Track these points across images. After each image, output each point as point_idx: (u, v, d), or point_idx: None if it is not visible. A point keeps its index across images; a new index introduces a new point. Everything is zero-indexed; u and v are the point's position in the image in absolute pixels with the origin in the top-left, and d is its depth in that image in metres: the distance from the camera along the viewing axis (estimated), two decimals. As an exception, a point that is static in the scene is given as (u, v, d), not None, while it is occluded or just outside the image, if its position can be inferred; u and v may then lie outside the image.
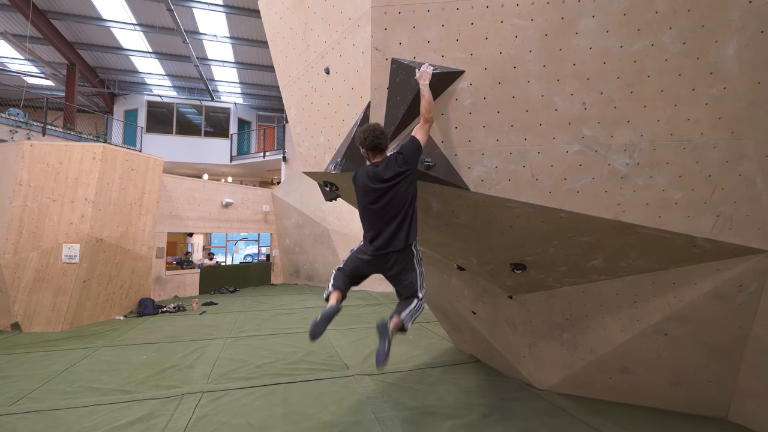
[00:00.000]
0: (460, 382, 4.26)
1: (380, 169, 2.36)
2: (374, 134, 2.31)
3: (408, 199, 2.38)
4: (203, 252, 15.96)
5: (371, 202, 2.40)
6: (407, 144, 2.32)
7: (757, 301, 2.74)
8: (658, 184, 2.45)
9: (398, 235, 2.38)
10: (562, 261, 3.06)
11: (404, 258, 2.45)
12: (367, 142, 2.33)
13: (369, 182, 2.38)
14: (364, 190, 2.42)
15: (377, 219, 2.40)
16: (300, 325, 6.91)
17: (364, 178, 2.41)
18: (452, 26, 2.35)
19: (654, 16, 2.24)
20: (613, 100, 2.36)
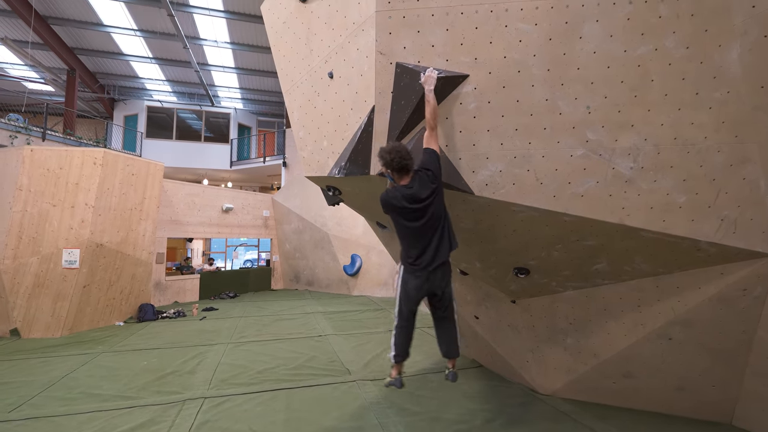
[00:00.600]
0: (463, 387, 4.23)
1: (415, 189, 2.37)
2: (401, 155, 2.31)
3: (443, 211, 2.47)
4: (203, 257, 15.93)
5: (413, 221, 2.42)
6: (429, 159, 2.35)
7: (762, 305, 2.73)
8: (663, 187, 2.45)
9: (441, 248, 2.47)
10: (566, 265, 3.06)
11: (447, 272, 2.55)
12: (394, 163, 2.32)
13: (407, 204, 2.38)
14: (403, 213, 2.42)
15: (421, 236, 2.45)
16: (301, 330, 6.87)
17: (400, 202, 2.39)
18: (457, 30, 2.36)
19: (658, 21, 2.25)
20: (617, 104, 2.37)
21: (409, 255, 2.50)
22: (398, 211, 2.43)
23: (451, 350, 2.76)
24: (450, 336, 2.75)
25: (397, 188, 2.41)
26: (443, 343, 2.78)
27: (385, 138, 2.54)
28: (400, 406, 3.74)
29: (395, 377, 2.75)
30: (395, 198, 2.39)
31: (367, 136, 2.58)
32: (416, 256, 2.47)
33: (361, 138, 2.59)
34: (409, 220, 2.42)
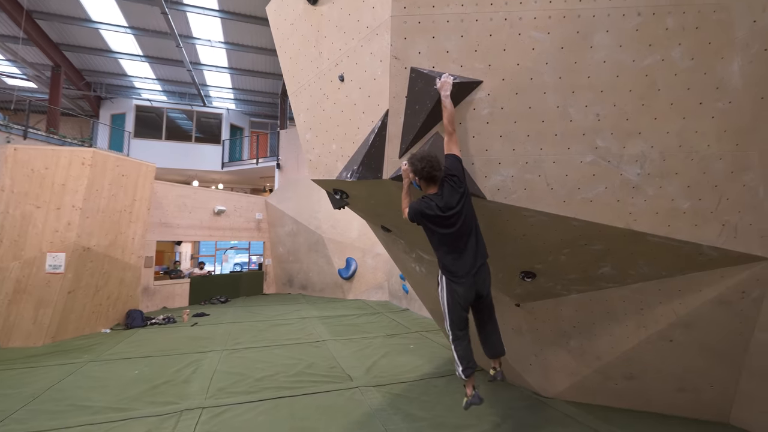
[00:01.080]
0: (465, 391, 4.24)
1: (446, 197, 2.41)
2: (431, 165, 2.34)
3: (473, 214, 2.52)
4: (191, 261, 15.65)
5: (447, 228, 2.45)
6: (452, 165, 2.39)
7: (759, 307, 2.83)
8: (668, 193, 2.52)
9: (479, 249, 2.54)
10: (572, 269, 3.11)
11: (488, 271, 2.62)
12: (424, 172, 2.36)
13: (441, 212, 2.42)
14: (437, 221, 2.45)
15: (457, 240, 2.49)
16: (298, 335, 6.80)
17: (434, 210, 2.42)
18: (471, 37, 2.39)
19: (664, 33, 2.33)
20: (625, 112, 2.43)
21: (450, 262, 2.51)
22: (432, 220, 2.45)
23: (499, 349, 2.83)
24: (496, 336, 2.82)
25: (428, 197, 2.43)
26: (490, 344, 2.83)
27: (398, 142, 2.56)
28: (406, 412, 3.73)
29: (472, 394, 2.70)
30: (429, 207, 2.41)
31: (380, 140, 2.58)
32: (456, 261, 2.49)
33: (375, 142, 2.59)
34: (443, 227, 2.45)
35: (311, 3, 3.05)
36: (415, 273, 4.84)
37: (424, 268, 4.64)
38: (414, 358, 5.47)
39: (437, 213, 2.41)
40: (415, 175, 2.40)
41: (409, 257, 4.73)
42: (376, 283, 11.08)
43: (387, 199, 3.00)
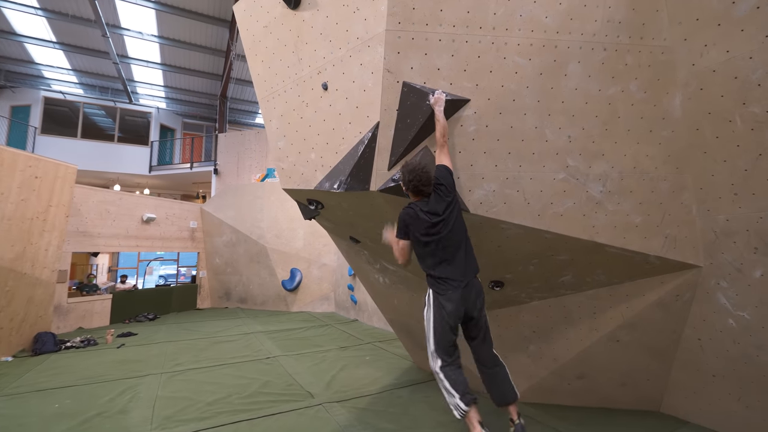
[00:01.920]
0: (430, 401, 4.29)
1: (431, 204, 2.40)
2: (419, 179, 2.33)
3: (463, 227, 2.50)
4: (108, 274, 13.98)
5: (432, 236, 2.41)
6: (442, 174, 2.41)
7: (689, 307, 3.27)
8: (624, 209, 2.83)
9: (469, 262, 2.48)
10: (537, 278, 3.33)
11: (479, 287, 2.53)
12: (410, 185, 2.35)
13: (427, 218, 2.39)
14: (420, 228, 2.41)
15: (443, 250, 2.43)
16: (246, 353, 6.36)
17: (421, 217, 2.38)
18: (461, 57, 2.49)
19: (624, 68, 2.64)
20: (591, 136, 2.70)
21: (437, 274, 2.46)
22: (416, 226, 2.43)
23: (508, 393, 2.41)
24: (501, 376, 2.42)
25: (413, 204, 2.42)
26: (494, 386, 2.44)
27: (388, 154, 2.55)
28: (376, 426, 3.66)
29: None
30: (411, 215, 2.40)
31: (370, 151, 2.56)
32: (443, 273, 2.45)
33: (364, 153, 2.56)
34: (427, 235, 2.43)
35: (291, 7, 2.95)
36: (377, 284, 4.83)
37: (387, 278, 4.65)
38: (372, 370, 5.41)
39: (423, 219, 2.40)
40: (403, 185, 2.40)
41: (372, 268, 4.71)
42: (322, 294, 10.83)
43: (368, 210, 2.97)
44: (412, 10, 2.41)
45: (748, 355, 3.02)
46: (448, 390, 2.36)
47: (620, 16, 2.56)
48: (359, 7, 2.54)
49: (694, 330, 3.32)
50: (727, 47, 2.43)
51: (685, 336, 3.40)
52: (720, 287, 3.00)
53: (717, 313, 3.09)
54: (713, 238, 2.90)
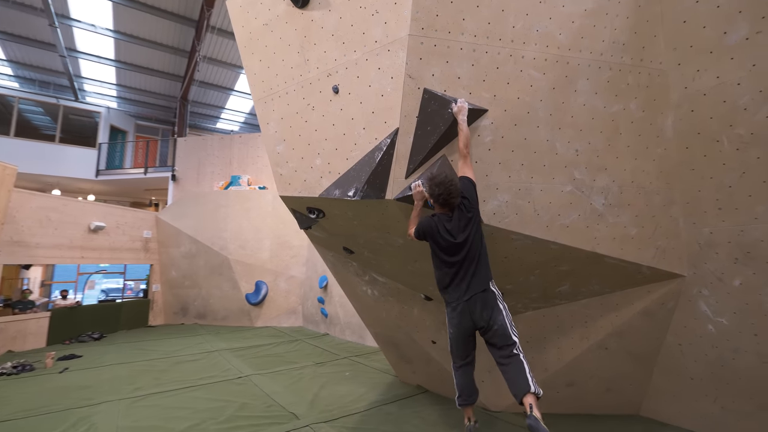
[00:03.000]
0: (421, 415, 4.19)
1: (454, 222, 2.37)
2: (449, 192, 2.30)
3: (480, 240, 2.45)
4: (41, 289, 12.52)
5: (450, 256, 2.40)
6: (466, 187, 2.37)
7: (672, 315, 3.46)
8: (622, 221, 2.96)
9: (476, 277, 2.43)
10: (537, 288, 3.38)
11: (488, 300, 2.46)
12: (440, 198, 2.30)
13: (449, 238, 2.36)
14: (441, 244, 2.39)
15: (458, 267, 2.41)
16: (213, 373, 5.88)
17: (441, 230, 2.35)
18: (481, 67, 2.49)
19: (626, 87, 2.78)
20: (596, 150, 2.80)
21: (444, 286, 2.47)
22: (437, 242, 2.39)
23: (521, 386, 2.34)
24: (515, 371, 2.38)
25: (439, 216, 2.36)
26: (508, 381, 2.42)
27: (406, 162, 2.48)
28: (372, 445, 3.49)
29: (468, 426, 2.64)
30: (436, 228, 2.37)
31: (387, 159, 2.47)
32: (448, 286, 2.45)
33: (382, 160, 2.47)
34: (446, 254, 2.41)
35: (298, 6, 2.82)
36: (365, 297, 4.68)
37: (376, 291, 4.53)
38: (355, 386, 5.21)
39: (444, 236, 2.39)
40: (431, 198, 2.34)
41: (360, 280, 4.57)
42: (289, 307, 10.40)
43: (376, 220, 2.86)
44: (436, 16, 2.39)
45: (724, 359, 3.24)
46: (455, 386, 2.65)
47: (624, 38, 2.70)
48: (378, 10, 2.47)
49: (675, 336, 3.52)
50: (717, 73, 2.64)
51: (666, 342, 3.59)
52: (701, 295, 3.20)
53: (697, 320, 3.29)
54: (697, 249, 3.11)
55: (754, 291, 2.93)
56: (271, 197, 10.57)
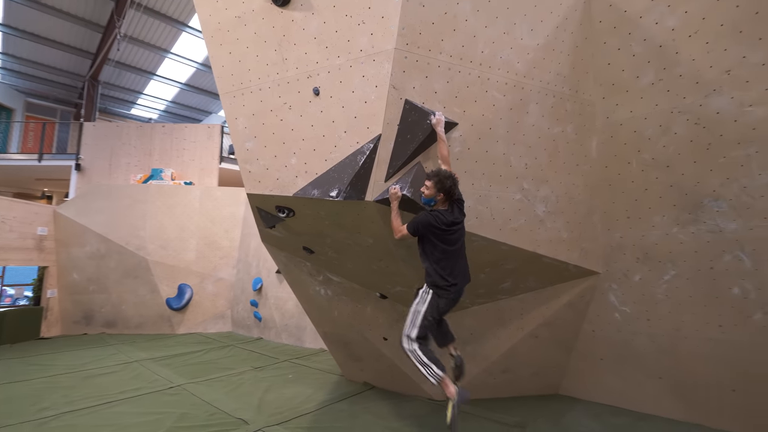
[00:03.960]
0: (372, 410, 4.34)
1: (455, 214, 2.60)
2: (455, 183, 2.54)
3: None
4: None
5: (451, 245, 2.62)
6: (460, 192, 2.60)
7: (588, 306, 4.12)
8: (557, 226, 3.47)
9: (467, 269, 2.73)
10: (485, 285, 3.77)
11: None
12: (452, 190, 2.52)
13: (448, 227, 2.57)
14: (444, 235, 2.59)
15: (456, 257, 2.65)
16: (138, 385, 5.33)
17: (441, 225, 2.56)
18: (454, 85, 2.76)
19: (565, 113, 3.29)
20: (541, 165, 3.26)
21: (446, 275, 2.65)
22: (440, 233, 2.57)
23: (448, 337, 3.17)
24: (448, 328, 3.14)
25: (438, 212, 2.55)
26: (446, 335, 3.12)
27: (386, 166, 2.64)
28: (329, 442, 3.54)
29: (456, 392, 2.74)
30: (437, 220, 2.55)
31: (370, 162, 2.60)
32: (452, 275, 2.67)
33: (365, 164, 2.59)
34: (447, 243, 2.60)
35: (278, 5, 2.81)
36: (318, 296, 4.71)
37: (330, 290, 4.59)
38: (302, 387, 5.17)
39: (443, 227, 2.59)
40: (442, 192, 2.53)
41: (314, 280, 4.59)
42: (216, 312, 9.78)
43: (350, 220, 2.96)
44: (419, 34, 2.59)
45: (626, 341, 3.95)
46: (425, 363, 2.80)
47: (565, 72, 3.20)
48: (365, 20, 2.59)
49: (590, 324, 4.19)
50: (631, 108, 3.27)
51: (583, 329, 4.25)
52: (611, 289, 3.88)
53: (607, 309, 3.97)
54: (610, 251, 3.77)
55: (648, 284, 3.65)
56: (198, 193, 9.86)
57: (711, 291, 3.27)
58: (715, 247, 3.18)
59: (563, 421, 3.87)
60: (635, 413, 3.94)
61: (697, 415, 3.54)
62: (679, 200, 3.26)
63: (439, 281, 2.70)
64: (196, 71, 12.15)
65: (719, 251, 3.17)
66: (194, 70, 12.08)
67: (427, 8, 2.60)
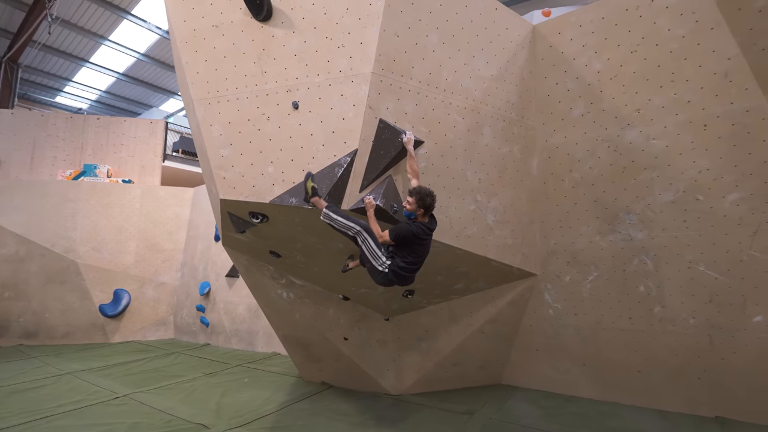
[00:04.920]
0: (333, 408, 4.52)
1: (432, 227, 2.86)
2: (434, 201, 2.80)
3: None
4: None
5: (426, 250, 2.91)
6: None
7: (527, 303, 4.68)
8: (504, 234, 3.96)
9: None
10: (440, 286, 4.15)
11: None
12: (432, 207, 2.79)
13: (425, 237, 2.82)
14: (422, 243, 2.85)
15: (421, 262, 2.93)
16: (77, 397, 4.98)
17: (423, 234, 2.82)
18: (422, 107, 3.09)
19: (513, 135, 3.77)
20: (492, 180, 3.71)
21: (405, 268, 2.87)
22: (419, 242, 2.82)
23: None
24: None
25: (420, 224, 2.80)
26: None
27: (361, 179, 2.89)
28: (293, 440, 3.67)
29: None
30: (421, 231, 2.80)
31: (346, 174, 2.83)
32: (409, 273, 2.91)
33: (342, 176, 2.81)
34: (422, 248, 2.87)
35: (258, 19, 2.94)
36: (279, 300, 4.80)
37: (292, 293, 4.72)
38: (259, 390, 5.19)
39: (424, 237, 2.84)
40: (423, 209, 2.78)
41: (276, 283, 4.69)
42: (157, 318, 9.26)
43: (323, 226, 3.15)
44: (393, 61, 2.88)
45: (557, 333, 4.56)
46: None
47: (514, 100, 3.69)
48: (345, 44, 2.82)
49: (528, 319, 4.76)
50: (565, 134, 3.84)
51: (522, 324, 4.81)
52: (546, 288, 4.46)
53: (543, 306, 4.55)
54: (546, 255, 4.34)
55: (576, 284, 4.27)
56: (139, 193, 9.29)
57: (623, 289, 3.94)
58: (627, 252, 3.85)
59: (505, 407, 4.35)
60: (564, 396, 4.55)
61: (612, 394, 4.21)
62: (600, 213, 3.90)
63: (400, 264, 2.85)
64: (136, 62, 11.35)
65: (630, 256, 3.84)
66: (134, 60, 11.28)
67: (400, 38, 2.90)
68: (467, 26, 3.29)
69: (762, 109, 3.14)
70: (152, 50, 11.16)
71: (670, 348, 3.81)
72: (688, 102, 3.37)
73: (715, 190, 3.35)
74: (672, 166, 3.48)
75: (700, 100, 3.32)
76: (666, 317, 3.75)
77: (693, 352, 3.69)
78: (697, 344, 3.65)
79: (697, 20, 3.24)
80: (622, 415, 3.97)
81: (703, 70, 3.28)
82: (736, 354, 3.51)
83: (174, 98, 15.11)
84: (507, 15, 3.59)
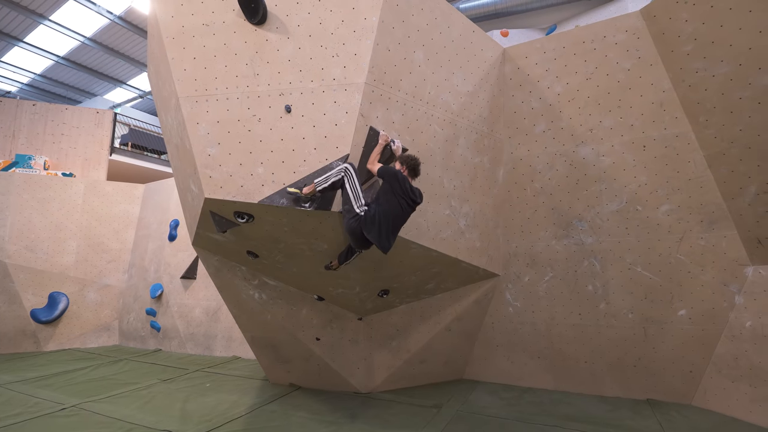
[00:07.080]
0: (305, 407, 4.56)
1: (416, 196, 2.96)
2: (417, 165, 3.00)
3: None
4: None
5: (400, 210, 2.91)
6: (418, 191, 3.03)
7: (490, 302, 5.05)
8: (473, 237, 4.27)
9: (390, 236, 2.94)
10: (413, 286, 4.38)
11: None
12: (412, 163, 2.97)
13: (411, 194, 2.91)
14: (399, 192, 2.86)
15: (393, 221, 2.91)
16: (17, 410, 4.56)
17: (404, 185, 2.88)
18: (407, 118, 3.30)
19: (484, 146, 4.11)
20: (464, 187, 4.01)
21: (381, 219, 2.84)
22: (398, 187, 2.86)
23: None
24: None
25: (407, 178, 2.92)
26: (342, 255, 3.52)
27: (351, 182, 3.01)
28: (269, 440, 3.69)
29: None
30: (403, 180, 2.89)
31: (338, 178, 2.94)
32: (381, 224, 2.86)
33: (334, 179, 2.92)
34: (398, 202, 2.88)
35: (252, 23, 2.98)
36: (250, 301, 4.76)
37: (264, 294, 4.71)
38: (224, 394, 5.08)
39: (404, 187, 2.88)
40: (403, 163, 2.94)
41: (248, 284, 4.65)
42: (99, 323, 8.60)
43: (310, 228, 3.24)
44: (384, 73, 3.05)
45: (516, 329, 4.97)
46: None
47: (485, 114, 4.02)
48: (339, 54, 2.95)
49: (490, 317, 5.13)
50: (528, 148, 4.25)
51: (485, 322, 5.18)
52: (507, 288, 4.86)
53: (504, 305, 4.94)
54: (508, 257, 4.73)
55: (534, 284, 4.70)
56: (82, 188, 8.60)
57: (574, 288, 4.42)
58: (578, 255, 4.33)
59: (469, 400, 4.66)
60: (521, 388, 4.96)
61: (563, 384, 4.68)
62: (557, 220, 4.35)
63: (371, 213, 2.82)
64: (80, 45, 10.43)
65: (581, 258, 4.33)
66: (78, 43, 10.36)
67: (391, 52, 3.09)
68: (449, 45, 3.56)
69: (688, 135, 3.73)
70: (101, 35, 10.28)
71: (612, 340, 4.33)
72: (632, 125, 3.91)
73: (651, 201, 3.91)
74: (617, 180, 4.00)
75: (640, 125, 3.87)
76: (609, 313, 4.26)
77: (630, 342, 4.24)
78: (634, 336, 4.20)
79: (640, 57, 3.78)
80: (571, 402, 4.43)
81: (644, 99, 3.83)
82: (664, 343, 4.09)
83: (122, 87, 14.00)
84: (482, 37, 3.92)
